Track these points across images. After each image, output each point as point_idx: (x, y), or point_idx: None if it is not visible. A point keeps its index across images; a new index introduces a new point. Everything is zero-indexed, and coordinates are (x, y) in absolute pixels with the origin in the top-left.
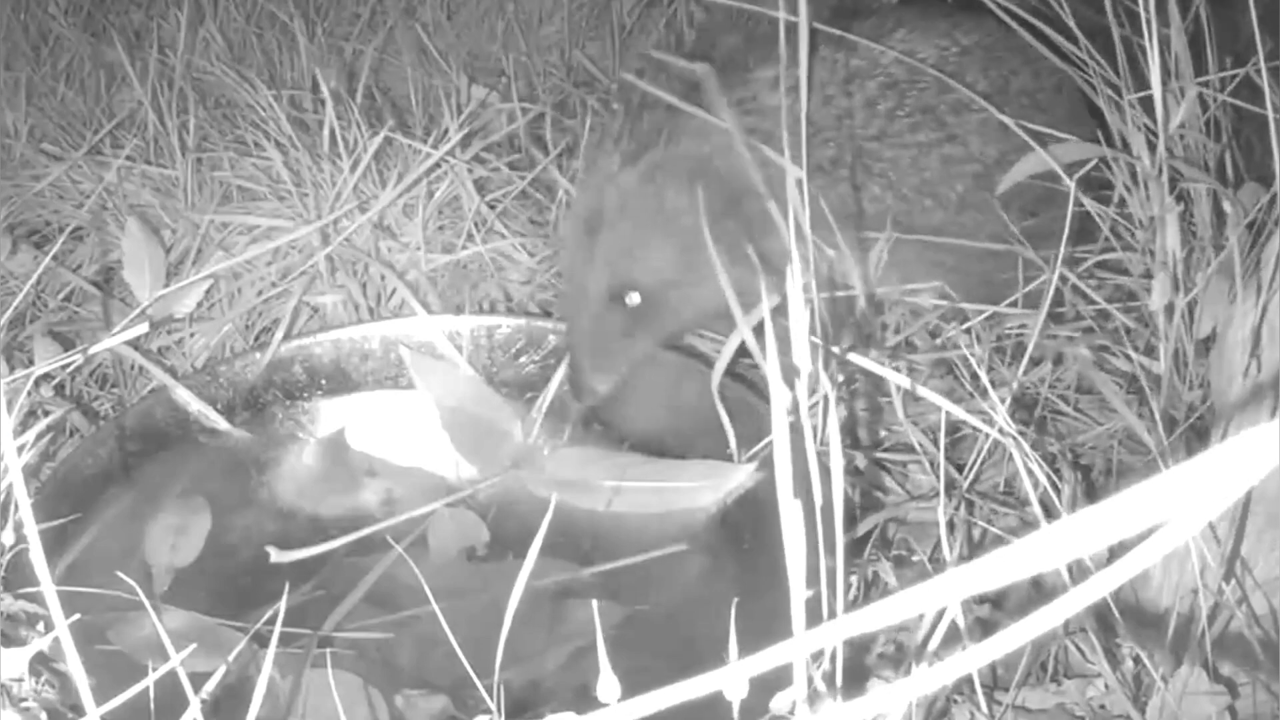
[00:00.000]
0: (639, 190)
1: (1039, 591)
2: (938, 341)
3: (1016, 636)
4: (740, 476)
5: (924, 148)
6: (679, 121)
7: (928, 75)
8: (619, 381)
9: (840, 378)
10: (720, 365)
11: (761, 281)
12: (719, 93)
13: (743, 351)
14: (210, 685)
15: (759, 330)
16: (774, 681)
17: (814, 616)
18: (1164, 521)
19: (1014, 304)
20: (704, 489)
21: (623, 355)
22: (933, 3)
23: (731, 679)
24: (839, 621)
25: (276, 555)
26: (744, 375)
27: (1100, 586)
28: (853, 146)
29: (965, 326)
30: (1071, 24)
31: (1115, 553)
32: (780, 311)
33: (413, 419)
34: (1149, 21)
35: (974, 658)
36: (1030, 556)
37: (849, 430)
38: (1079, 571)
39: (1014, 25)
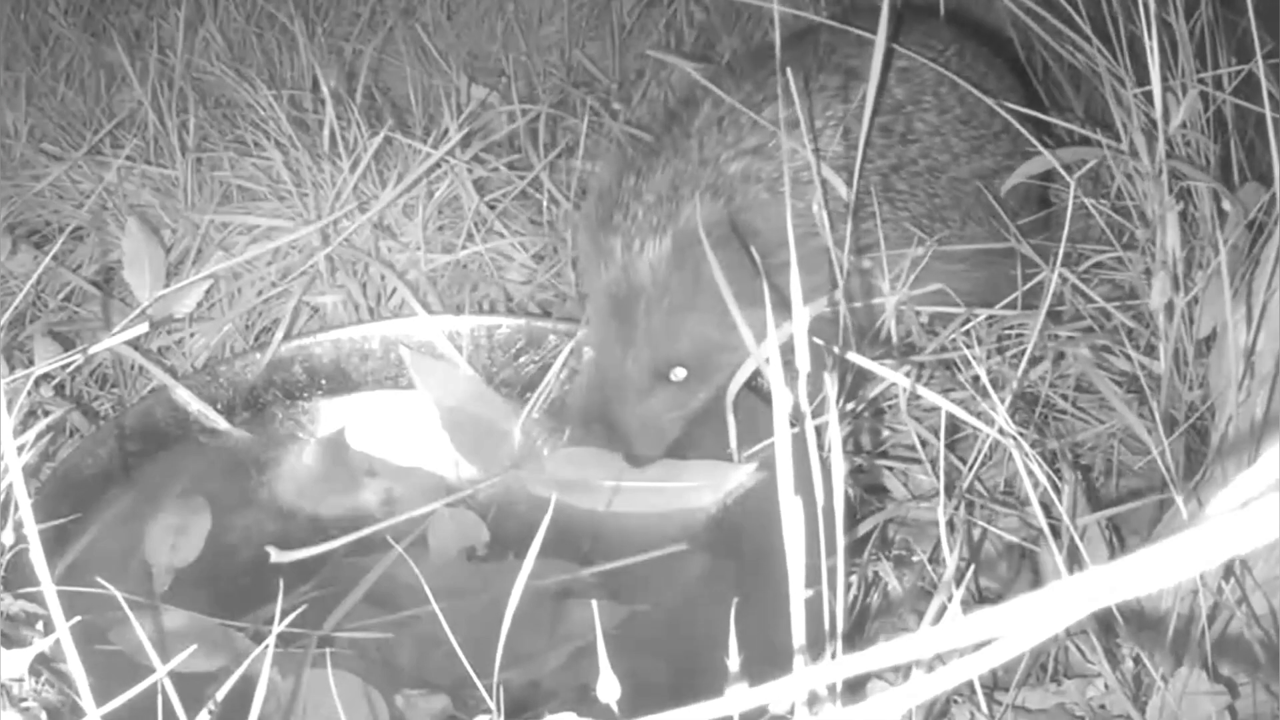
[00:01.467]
0: (673, 267)
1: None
2: (936, 344)
3: (1018, 644)
4: (740, 476)
5: (934, 172)
6: (697, 176)
7: (926, 95)
8: (670, 442)
9: (841, 379)
10: (734, 386)
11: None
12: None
13: None
14: (223, 691)
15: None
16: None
17: (814, 617)
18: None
19: (1014, 304)
20: (704, 489)
21: (672, 426)
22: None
23: (733, 706)
24: (838, 662)
25: (277, 555)
26: None
27: (1106, 593)
28: (879, 180)
29: (965, 328)
30: (1083, 22)
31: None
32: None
33: (413, 419)
34: (1149, 19)
35: (975, 662)
36: (1036, 616)
37: (850, 430)
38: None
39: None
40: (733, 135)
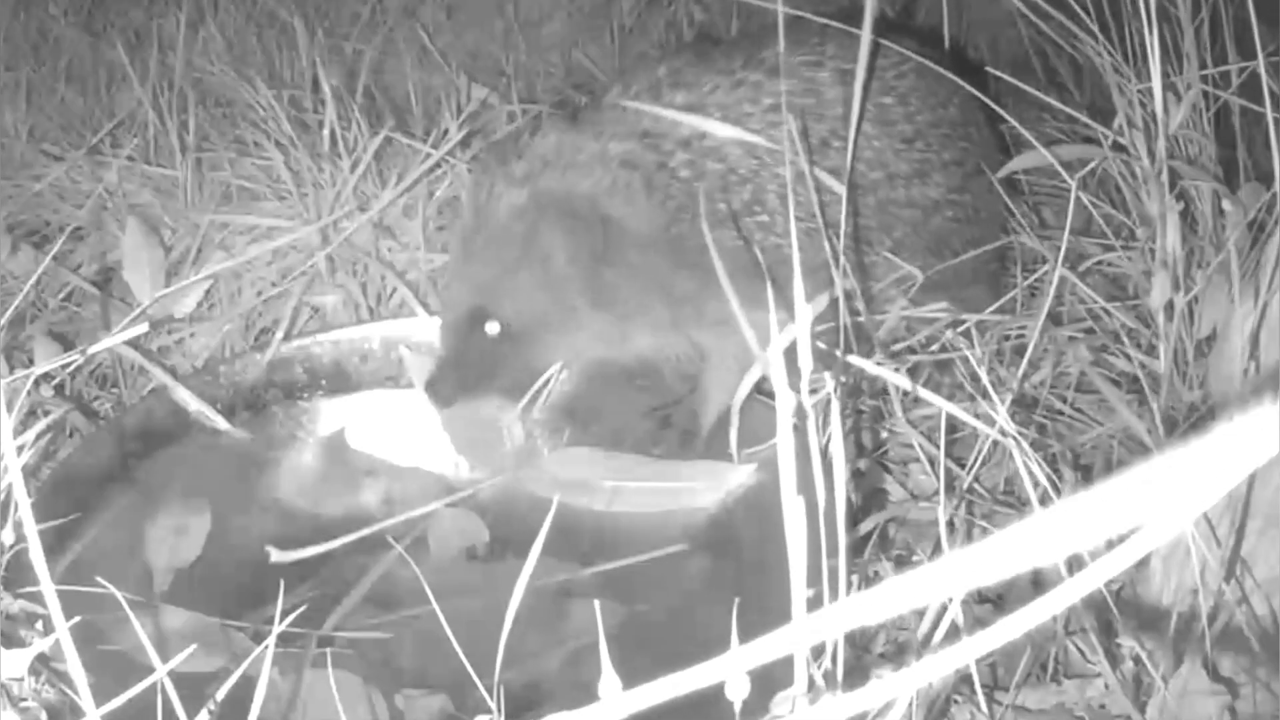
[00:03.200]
0: (513, 221)
1: (1040, 592)
2: (935, 347)
3: (1015, 626)
4: (740, 476)
5: (862, 191)
6: (577, 146)
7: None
8: (476, 400)
9: (843, 379)
10: (737, 402)
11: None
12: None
13: None
14: (223, 691)
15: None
16: (775, 683)
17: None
18: (1162, 508)
19: (1012, 307)
20: (704, 489)
21: (482, 380)
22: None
23: (732, 667)
24: (839, 608)
25: (277, 555)
26: None
27: (1100, 573)
28: (776, 188)
29: (962, 329)
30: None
31: (1114, 546)
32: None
33: (413, 419)
34: (1150, 16)
35: (973, 648)
36: (1030, 544)
37: (851, 432)
38: (1079, 567)
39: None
40: (632, 116)
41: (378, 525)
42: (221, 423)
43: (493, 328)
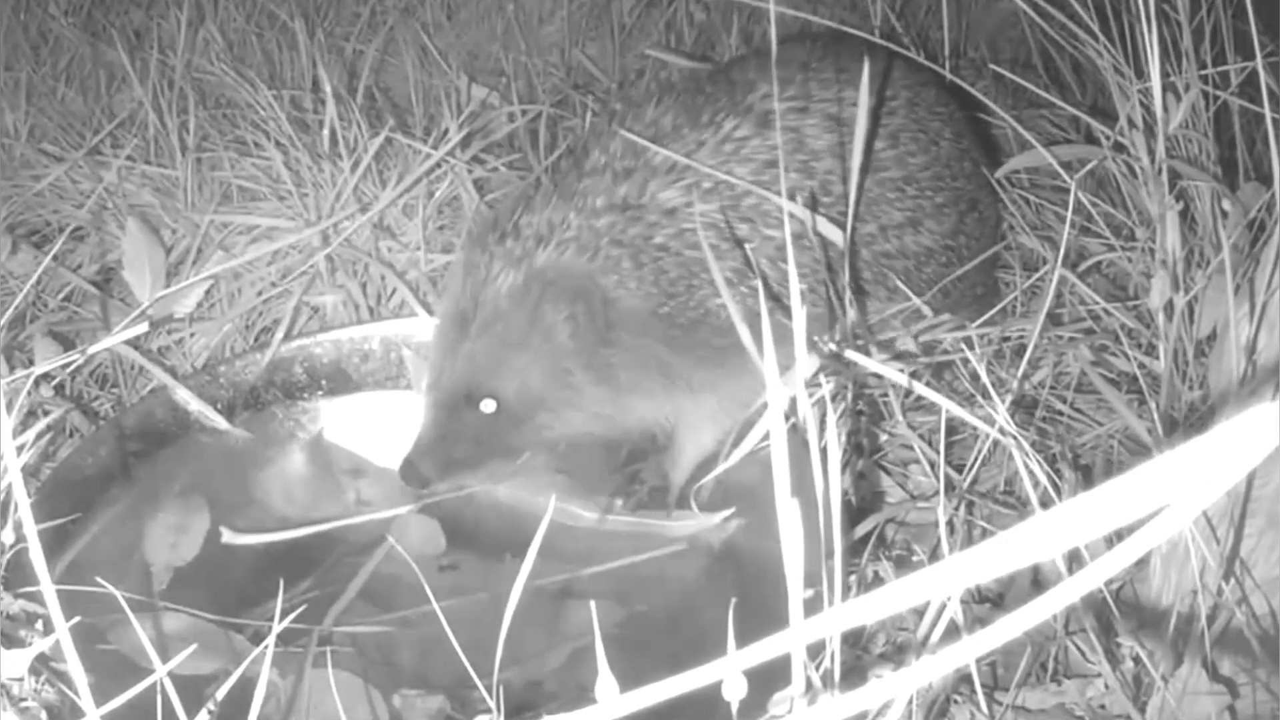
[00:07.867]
0: (513, 300)
1: (1040, 592)
2: (937, 350)
3: (1015, 626)
4: (712, 522)
5: (856, 245)
6: (566, 221)
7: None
8: (455, 481)
9: (839, 379)
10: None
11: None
12: None
13: None
14: (223, 691)
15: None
16: (773, 683)
17: (813, 616)
18: (1162, 507)
19: (1012, 307)
20: (678, 529)
21: (468, 460)
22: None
23: (730, 669)
24: (836, 611)
25: (228, 536)
26: None
27: (1100, 573)
28: (770, 248)
29: (963, 335)
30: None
31: (1114, 546)
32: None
33: (413, 419)
34: (1149, 16)
35: (973, 648)
36: (1028, 544)
37: (850, 434)
38: (1079, 567)
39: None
40: (607, 180)
41: (340, 522)
42: (221, 423)
43: (489, 406)
